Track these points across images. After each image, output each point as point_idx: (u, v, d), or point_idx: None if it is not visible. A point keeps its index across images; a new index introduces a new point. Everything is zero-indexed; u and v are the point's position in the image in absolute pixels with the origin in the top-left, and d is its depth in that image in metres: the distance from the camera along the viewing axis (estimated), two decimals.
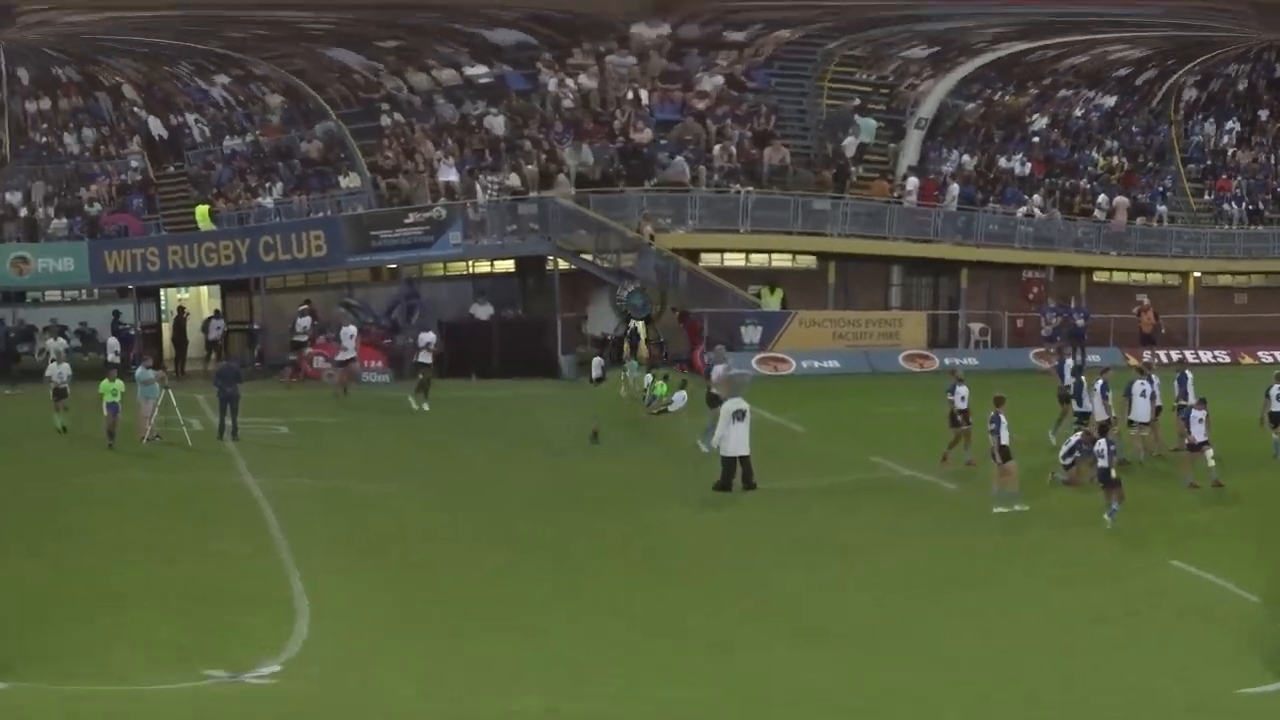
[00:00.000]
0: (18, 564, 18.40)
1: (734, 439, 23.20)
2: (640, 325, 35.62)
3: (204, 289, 38.37)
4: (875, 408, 30.23)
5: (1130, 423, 22.11)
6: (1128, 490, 19.12)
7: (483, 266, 38.85)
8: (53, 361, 28.74)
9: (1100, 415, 22.06)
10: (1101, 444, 19.42)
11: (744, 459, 23.28)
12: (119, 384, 25.98)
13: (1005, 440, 19.98)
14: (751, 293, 37.30)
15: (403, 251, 36.51)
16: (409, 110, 40.29)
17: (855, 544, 19.53)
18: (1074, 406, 23.24)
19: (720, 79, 41.25)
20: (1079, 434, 21.33)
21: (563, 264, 36.84)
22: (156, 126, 39.61)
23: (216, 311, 37.47)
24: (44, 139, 37.67)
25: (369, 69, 41.28)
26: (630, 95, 40.51)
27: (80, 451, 25.88)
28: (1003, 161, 37.77)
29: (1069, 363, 24.84)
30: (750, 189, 38.24)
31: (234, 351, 36.12)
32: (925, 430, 24.87)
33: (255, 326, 37.12)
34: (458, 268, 38.80)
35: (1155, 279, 37.15)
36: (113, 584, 17.58)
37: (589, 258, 36.87)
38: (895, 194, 36.47)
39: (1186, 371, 22.82)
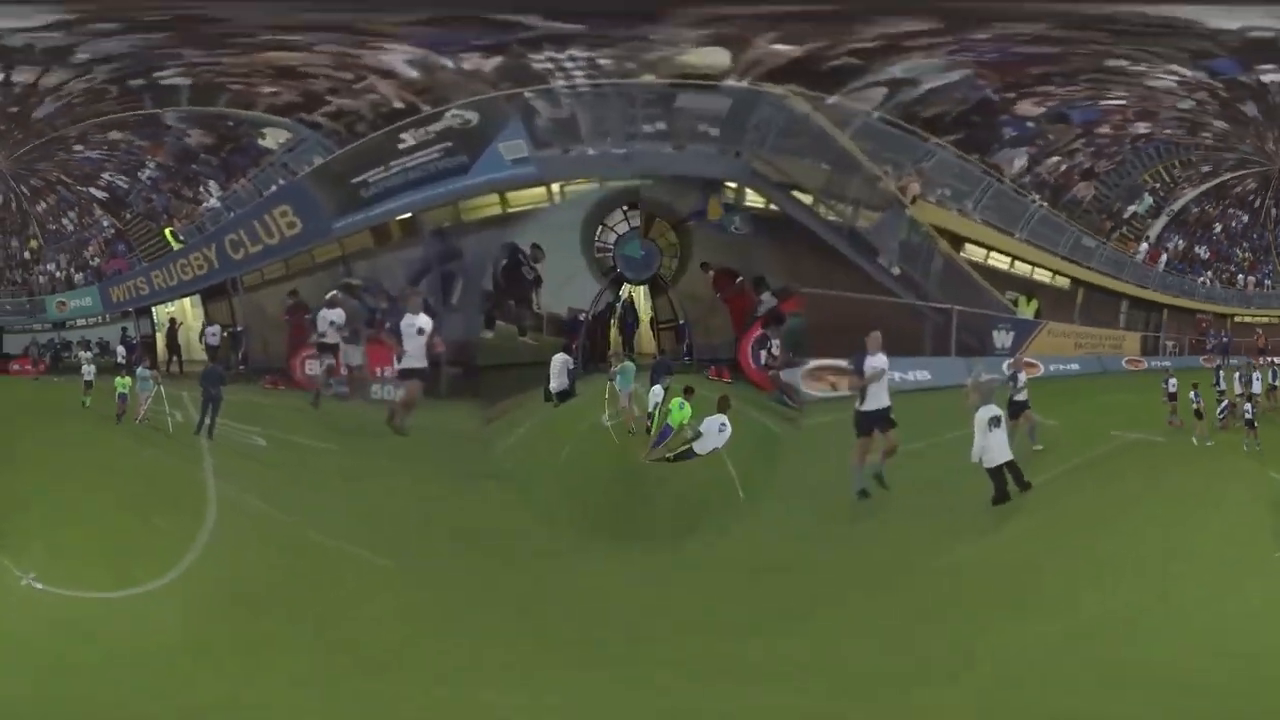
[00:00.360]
0: (7, 476, 21.36)
1: (995, 448, 22.34)
2: (639, 293, 23.61)
3: (187, 300, 37.20)
4: (1108, 397, 33.39)
5: (1251, 395, 30.39)
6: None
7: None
8: (84, 365, 34.04)
9: (1236, 390, 31.09)
10: (1246, 406, 28.46)
11: (1010, 464, 22.22)
12: (127, 380, 30.53)
13: (1202, 406, 29.12)
14: (1007, 298, 35.47)
15: (415, 191, 25.51)
16: (197, 41, 29.89)
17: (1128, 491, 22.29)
18: (1215, 386, 31.74)
19: (1188, 124, 37.13)
20: (1225, 401, 30.00)
21: (755, 201, 24.41)
22: (96, 192, 39.97)
23: (209, 318, 36.36)
24: (54, 226, 43.05)
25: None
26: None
27: (94, 422, 29.90)
28: (1196, 248, 48.98)
29: (1235, 364, 34.29)
30: (1045, 204, 37.30)
31: (224, 354, 35.58)
32: (1146, 409, 30.42)
33: (238, 329, 34.90)
34: (528, 199, 25.34)
35: (1264, 320, 47.22)
36: (66, 499, 20.14)
37: (805, 200, 24.97)
38: (1133, 253, 45.98)
39: (1276, 368, 32.75)
